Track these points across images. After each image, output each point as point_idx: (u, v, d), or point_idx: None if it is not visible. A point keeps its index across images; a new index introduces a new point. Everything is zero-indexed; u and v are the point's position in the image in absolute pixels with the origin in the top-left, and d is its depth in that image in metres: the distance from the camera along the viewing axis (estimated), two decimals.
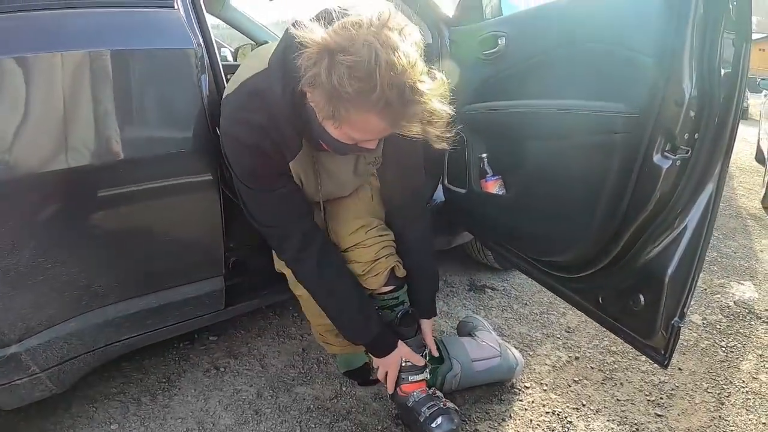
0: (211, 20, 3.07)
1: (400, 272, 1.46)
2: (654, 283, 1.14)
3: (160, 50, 1.28)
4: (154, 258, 1.42)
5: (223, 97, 1.26)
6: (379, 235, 1.42)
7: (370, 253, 1.40)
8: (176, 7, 1.34)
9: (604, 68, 1.14)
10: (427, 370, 1.47)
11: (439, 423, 1.37)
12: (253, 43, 2.86)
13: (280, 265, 1.49)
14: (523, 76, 1.44)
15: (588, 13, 1.23)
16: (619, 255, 1.21)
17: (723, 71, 0.96)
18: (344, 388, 1.71)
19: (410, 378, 1.44)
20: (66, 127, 1.16)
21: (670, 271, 1.11)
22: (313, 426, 1.55)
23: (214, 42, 1.40)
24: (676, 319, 1.11)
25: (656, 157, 1.05)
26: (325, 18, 1.03)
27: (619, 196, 1.14)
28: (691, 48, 0.96)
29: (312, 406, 1.63)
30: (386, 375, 1.46)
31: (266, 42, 2.40)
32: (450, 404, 1.45)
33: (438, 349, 1.58)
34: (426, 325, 1.53)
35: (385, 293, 1.45)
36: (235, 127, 1.19)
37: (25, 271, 1.18)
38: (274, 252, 1.47)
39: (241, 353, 1.88)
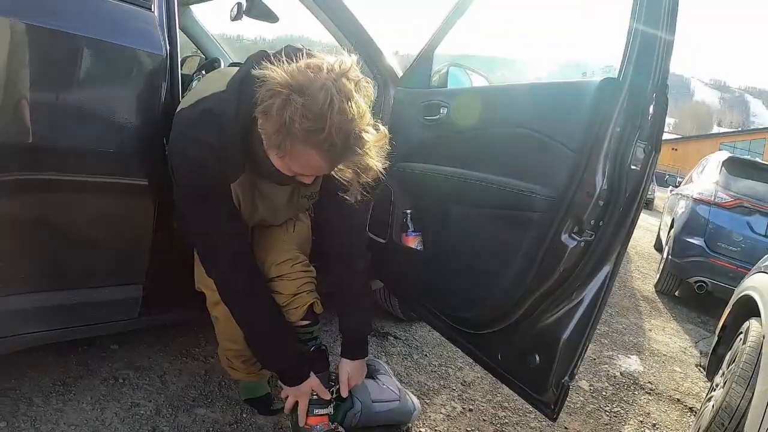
0: None
1: (318, 309, 1.53)
2: (549, 345, 1.29)
3: (131, 49, 1.31)
4: (79, 254, 1.41)
5: (177, 110, 1.30)
6: (303, 270, 1.49)
7: (293, 287, 1.46)
8: (153, 10, 1.37)
9: (531, 153, 1.32)
10: (332, 405, 1.53)
11: None
12: (202, 56, 2.89)
13: (201, 284, 1.52)
14: (457, 145, 1.61)
15: (526, 101, 1.42)
16: (520, 317, 1.36)
17: (632, 171, 1.14)
18: (244, 415, 1.71)
19: (315, 411, 1.49)
20: (19, 99, 1.16)
21: (564, 336, 1.26)
22: None
23: (178, 52, 1.44)
24: (566, 378, 1.26)
25: (564, 237, 1.22)
26: (290, 55, 1.13)
27: (527, 265, 1.29)
28: (608, 150, 1.15)
29: (211, 428, 1.62)
30: (294, 405, 1.50)
31: (216, 58, 2.45)
32: None
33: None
34: (347, 365, 1.57)
35: (301, 327, 1.51)
36: (185, 142, 1.24)
37: None
38: (199, 267, 1.49)
39: (142, 366, 1.85)
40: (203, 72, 2.13)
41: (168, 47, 1.37)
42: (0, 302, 1.31)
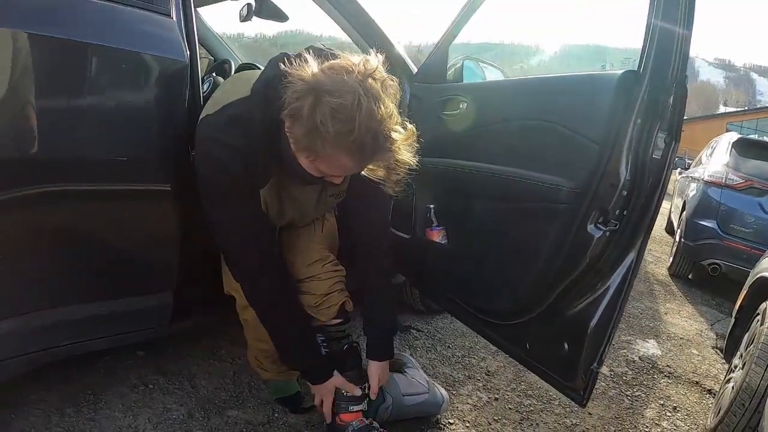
0: None
1: (349, 307, 1.57)
2: (577, 333, 1.34)
3: (154, 56, 1.32)
4: (108, 265, 1.42)
5: (202, 117, 1.32)
6: (334, 270, 1.52)
7: (324, 287, 1.49)
8: (172, 16, 1.37)
9: (554, 145, 1.37)
10: (366, 401, 1.58)
11: None
12: (211, 57, 2.92)
13: (230, 287, 1.55)
14: (479, 140, 1.65)
15: (547, 95, 1.46)
16: (548, 307, 1.41)
17: (653, 161, 1.19)
18: (276, 414, 1.74)
19: (350, 408, 1.54)
20: (26, 113, 1.15)
21: (592, 323, 1.31)
22: None
23: (198, 57, 1.45)
24: (594, 365, 1.31)
25: (590, 227, 1.27)
26: (316, 55, 1.15)
27: (554, 256, 1.35)
28: (630, 141, 1.20)
29: (244, 429, 1.64)
30: (321, 403, 1.55)
31: (225, 60, 2.48)
32: None
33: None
34: (376, 367, 1.60)
35: (334, 326, 1.55)
36: (212, 147, 1.25)
37: None
38: (227, 272, 1.52)
39: (170, 371, 1.86)
40: (213, 74, 2.14)
41: (188, 53, 1.37)
42: (33, 317, 1.32)
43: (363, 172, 1.23)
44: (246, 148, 1.24)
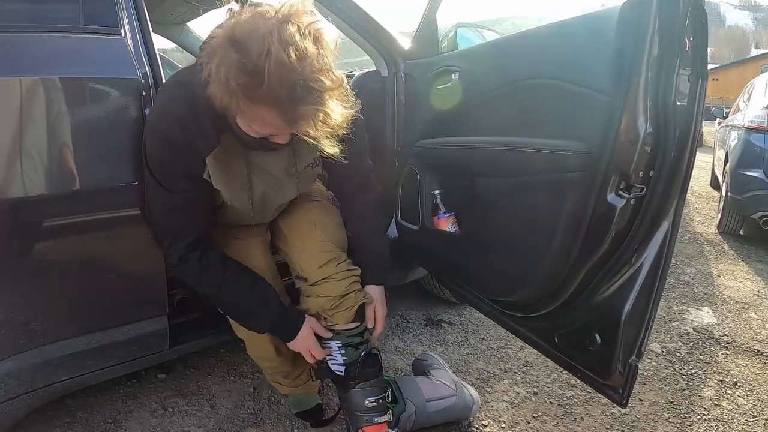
0: (169, 44, 3.01)
1: (370, 302, 1.43)
2: (610, 321, 1.10)
3: (103, 79, 1.25)
4: (95, 296, 1.35)
5: None
6: (348, 269, 1.38)
7: (341, 288, 1.35)
8: (123, 34, 1.31)
9: (557, 105, 1.12)
10: (390, 410, 1.42)
11: None
12: None
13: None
14: (475, 111, 1.41)
15: (541, 49, 1.21)
16: (573, 294, 1.17)
17: (678, 106, 0.94)
18: (296, 429, 1.63)
19: (375, 419, 1.37)
20: (2, 155, 1.12)
21: (626, 309, 1.08)
22: None
23: (161, 71, 1.36)
24: (633, 357, 1.08)
25: (610, 196, 1.02)
26: (242, 6, 1.00)
27: (573, 235, 1.10)
28: (646, 85, 0.94)
29: None
30: (312, 357, 1.40)
31: None
32: None
33: (392, 389, 1.52)
34: (377, 291, 1.46)
35: (350, 329, 1.39)
36: (155, 117, 1.19)
37: None
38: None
39: (190, 392, 1.79)
40: None
41: (145, 69, 1.30)
42: (36, 353, 1.28)
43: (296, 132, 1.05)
44: (188, 114, 1.14)
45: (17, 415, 1.32)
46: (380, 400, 1.39)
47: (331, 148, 1.07)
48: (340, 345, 1.38)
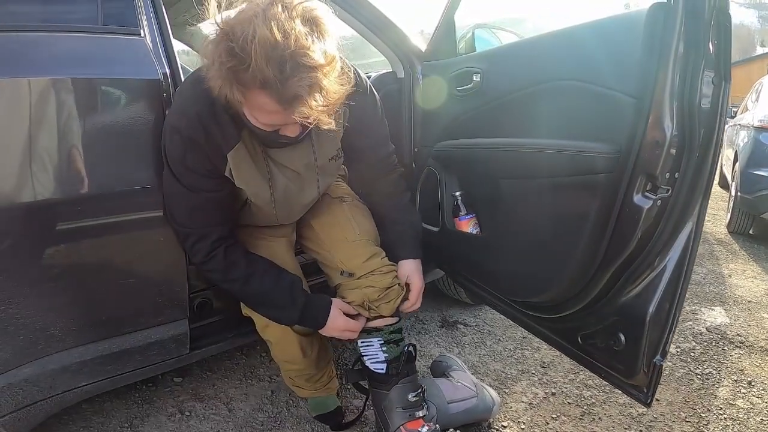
0: (181, 47, 3.02)
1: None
2: (635, 322, 1.12)
3: (123, 80, 1.25)
4: (116, 300, 1.35)
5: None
6: (391, 264, 1.44)
7: (387, 279, 1.40)
8: (143, 34, 1.31)
9: (583, 107, 1.14)
10: (426, 404, 1.45)
11: None
12: None
13: (247, 310, 1.44)
14: (498, 113, 1.43)
15: (567, 51, 1.23)
16: (598, 295, 1.19)
17: (702, 108, 0.96)
18: None
19: (416, 414, 1.41)
20: (21, 158, 1.12)
21: (651, 309, 1.09)
22: None
23: (180, 72, 1.36)
24: (657, 357, 1.10)
25: (637, 198, 1.04)
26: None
27: (599, 236, 1.12)
28: (672, 87, 0.96)
29: None
30: (349, 333, 1.42)
31: None
32: None
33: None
34: (409, 265, 1.50)
35: (391, 324, 1.43)
36: (174, 116, 1.20)
37: None
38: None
39: (207, 396, 1.81)
40: None
41: (166, 68, 1.31)
42: (55, 358, 1.29)
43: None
44: (206, 111, 1.15)
45: (35, 421, 1.33)
46: (420, 395, 1.43)
47: (327, 125, 1.06)
48: (382, 342, 1.42)
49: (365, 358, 1.45)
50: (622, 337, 1.15)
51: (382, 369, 1.42)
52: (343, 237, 1.45)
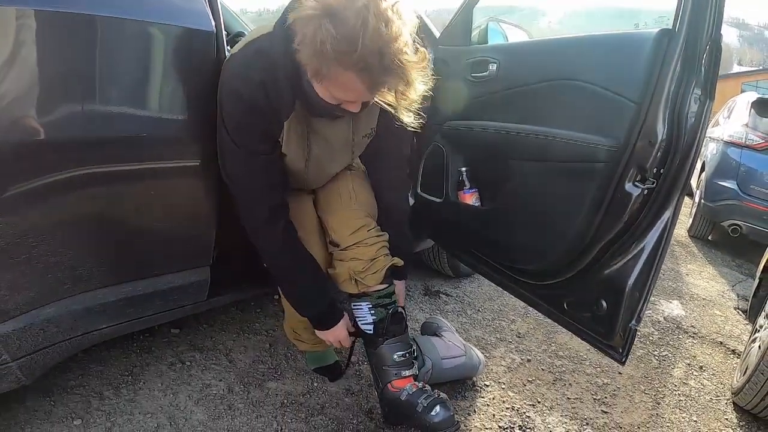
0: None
1: (399, 263, 1.61)
2: (616, 291, 1.39)
3: (181, 28, 1.31)
4: (145, 243, 1.43)
5: (228, 57, 1.34)
6: (378, 235, 1.57)
7: (371, 252, 1.54)
8: None
9: (591, 105, 1.40)
10: (416, 364, 1.61)
11: (437, 411, 1.48)
12: (225, 32, 2.92)
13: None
14: (511, 101, 1.67)
15: (582, 56, 1.49)
16: (588, 265, 1.46)
17: (689, 119, 1.23)
18: (316, 384, 1.80)
19: (402, 373, 1.55)
20: (63, 94, 1.15)
21: (630, 281, 1.36)
22: (289, 421, 1.63)
23: (222, 28, 1.42)
24: (633, 322, 1.36)
25: (628, 186, 1.31)
26: None
27: (593, 215, 1.39)
28: (667, 98, 1.24)
29: (285, 401, 1.70)
30: (340, 344, 1.60)
31: (240, 32, 2.49)
32: (442, 395, 1.55)
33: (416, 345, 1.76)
34: (399, 286, 1.67)
35: (380, 290, 1.57)
36: (237, 82, 1.28)
37: (7, 248, 1.13)
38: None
39: (206, 347, 1.91)
40: (228, 47, 2.16)
41: (214, 22, 1.37)
42: (79, 299, 1.34)
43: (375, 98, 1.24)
44: (269, 80, 1.27)
45: (49, 364, 1.35)
46: (407, 355, 1.57)
47: (405, 116, 1.25)
48: (370, 306, 1.56)
49: (357, 319, 1.60)
50: (604, 304, 1.42)
51: (371, 330, 1.57)
52: (339, 203, 1.59)
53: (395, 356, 1.55)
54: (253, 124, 1.31)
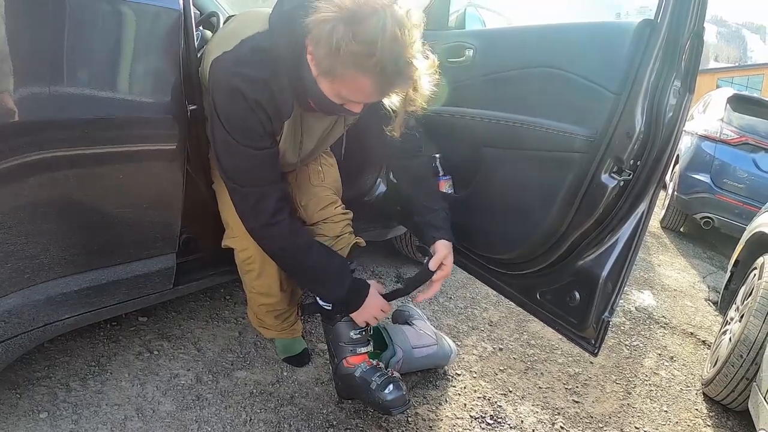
0: None
1: (362, 243, 1.64)
2: (589, 283, 1.39)
3: (147, 5, 1.28)
4: (109, 230, 1.40)
5: (216, 56, 1.30)
6: (343, 213, 1.61)
7: (337, 229, 1.58)
8: None
9: (569, 94, 1.39)
10: (371, 342, 1.63)
11: (390, 389, 1.48)
12: (197, 11, 2.85)
13: (229, 241, 1.57)
14: (487, 88, 1.66)
15: (560, 43, 1.47)
16: (561, 256, 1.46)
17: (668, 111, 1.22)
18: (285, 373, 1.79)
19: (358, 350, 1.57)
20: (21, 74, 1.11)
21: (604, 273, 1.37)
22: (258, 411, 1.61)
23: (191, 8, 1.40)
24: (606, 314, 1.37)
25: (604, 177, 1.31)
26: None
27: (568, 205, 1.38)
28: (646, 90, 1.22)
29: (254, 390, 1.69)
30: (382, 313, 1.55)
31: (213, 12, 2.43)
32: (396, 374, 1.57)
33: (381, 335, 1.78)
34: (446, 246, 1.56)
35: None
36: (236, 80, 1.25)
37: None
38: (228, 226, 1.55)
39: (174, 336, 1.88)
40: (201, 27, 2.11)
41: (182, 0, 1.33)
42: (41, 288, 1.30)
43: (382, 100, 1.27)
44: (271, 78, 1.28)
45: (13, 356, 1.32)
46: (362, 333, 1.58)
47: (399, 125, 1.31)
48: None
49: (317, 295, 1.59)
50: (577, 295, 1.42)
51: (329, 306, 1.57)
52: (308, 181, 1.63)
53: (352, 333, 1.57)
54: (256, 122, 1.30)
